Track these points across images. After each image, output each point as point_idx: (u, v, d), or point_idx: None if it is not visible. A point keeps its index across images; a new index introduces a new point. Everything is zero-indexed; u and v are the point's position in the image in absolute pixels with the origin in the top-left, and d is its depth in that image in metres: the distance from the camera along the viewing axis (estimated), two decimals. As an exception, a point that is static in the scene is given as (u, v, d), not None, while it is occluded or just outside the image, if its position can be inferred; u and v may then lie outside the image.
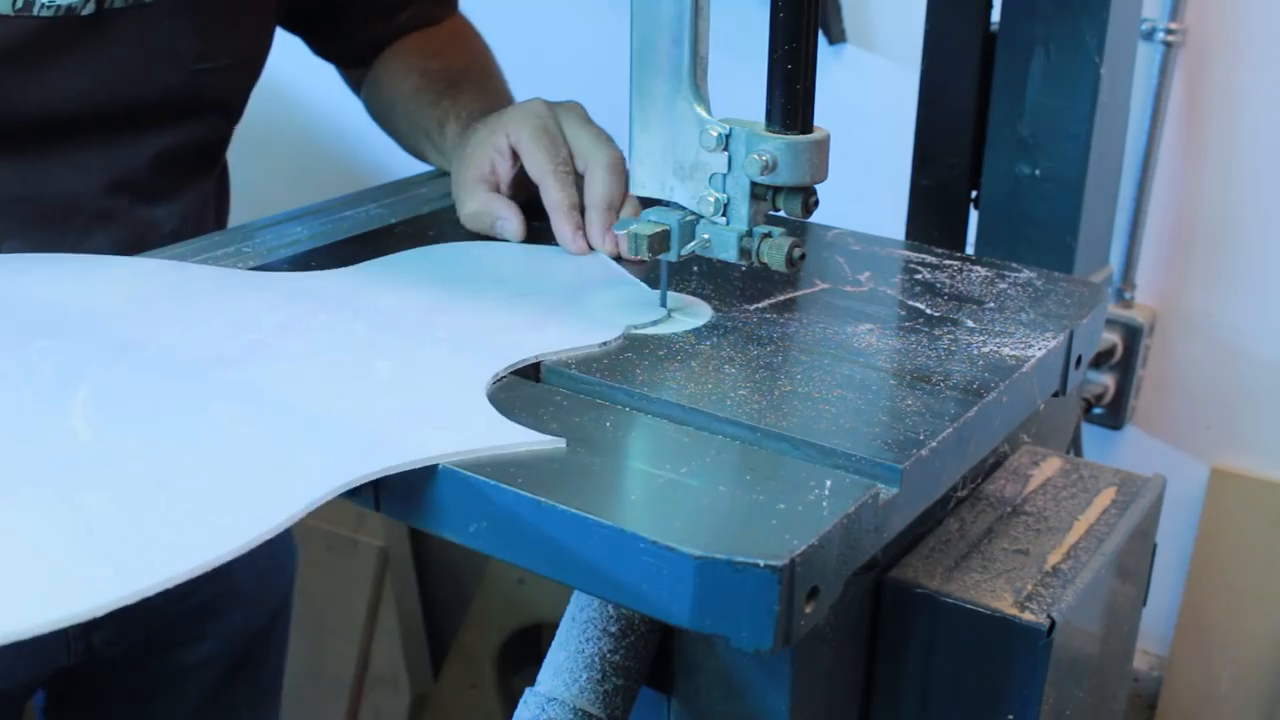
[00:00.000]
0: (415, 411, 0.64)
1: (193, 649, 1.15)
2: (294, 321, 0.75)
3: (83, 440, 0.61)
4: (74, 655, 1.06)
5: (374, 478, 0.59)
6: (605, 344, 0.72)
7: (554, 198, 0.86)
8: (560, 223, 0.85)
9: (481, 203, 0.90)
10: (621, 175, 0.86)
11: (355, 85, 1.17)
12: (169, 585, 0.50)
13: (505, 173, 0.90)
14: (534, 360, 0.70)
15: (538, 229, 0.89)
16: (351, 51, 1.14)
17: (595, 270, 0.84)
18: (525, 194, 0.91)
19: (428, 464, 0.59)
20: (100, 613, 0.49)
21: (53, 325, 0.74)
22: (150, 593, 0.50)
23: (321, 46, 1.15)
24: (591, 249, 0.86)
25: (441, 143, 1.01)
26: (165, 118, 0.96)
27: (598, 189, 0.85)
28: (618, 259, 0.85)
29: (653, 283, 0.79)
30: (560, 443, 0.61)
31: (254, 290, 0.81)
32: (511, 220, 0.89)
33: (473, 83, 1.04)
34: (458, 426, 0.63)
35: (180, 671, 1.16)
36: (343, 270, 0.84)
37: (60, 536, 0.54)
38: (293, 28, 1.11)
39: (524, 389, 0.67)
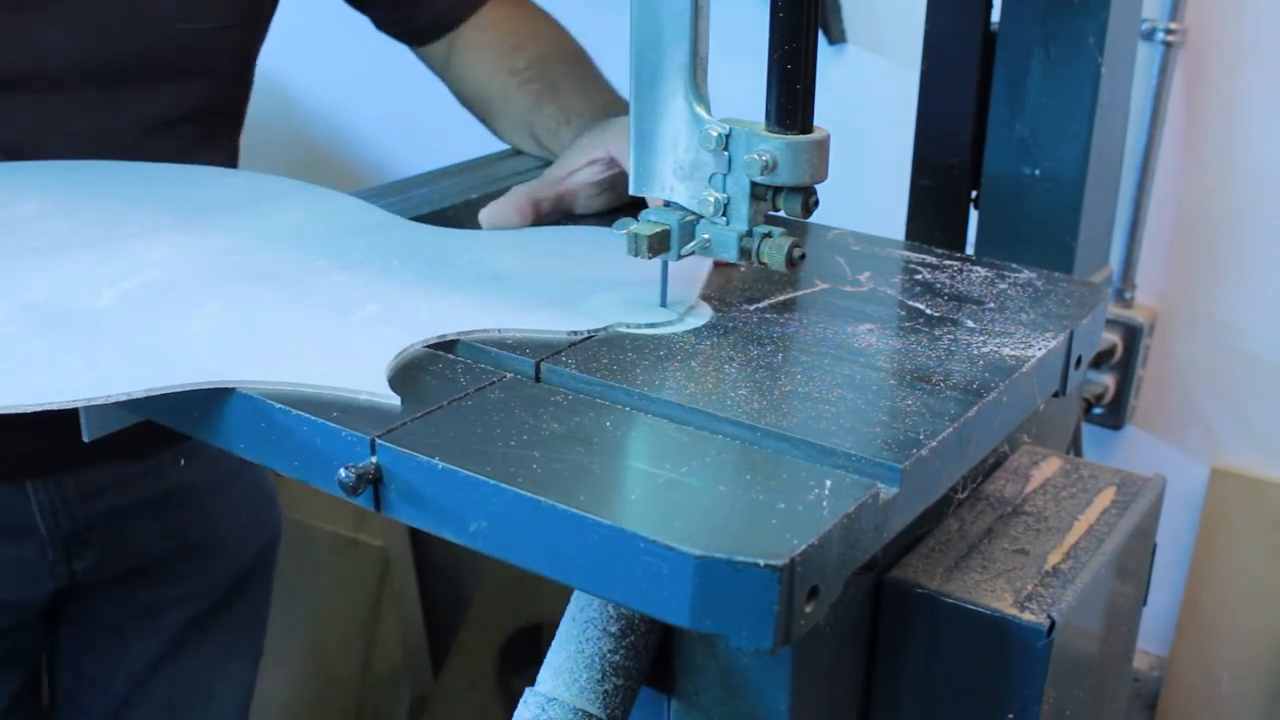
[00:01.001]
0: (303, 345, 0.70)
1: (169, 587, 1.19)
2: (336, 259, 0.82)
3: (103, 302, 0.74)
4: (59, 578, 1.11)
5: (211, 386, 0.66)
6: (575, 333, 0.73)
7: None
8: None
9: (520, 185, 0.92)
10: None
11: (436, 68, 1.17)
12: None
13: (586, 176, 0.92)
14: (458, 335, 0.72)
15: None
16: (412, 28, 1.14)
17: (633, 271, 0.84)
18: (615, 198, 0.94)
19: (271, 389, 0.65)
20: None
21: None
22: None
23: (382, 24, 1.15)
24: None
25: (556, 146, 1.03)
26: (148, 78, 0.97)
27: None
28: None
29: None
30: (396, 399, 0.64)
31: (334, 222, 0.89)
32: (493, 209, 0.90)
33: (570, 79, 1.05)
34: (322, 364, 0.67)
35: (153, 608, 1.20)
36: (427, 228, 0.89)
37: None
38: (355, 5, 1.12)
39: (523, 388, 0.67)
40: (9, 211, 0.86)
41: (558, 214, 0.93)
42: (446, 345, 0.72)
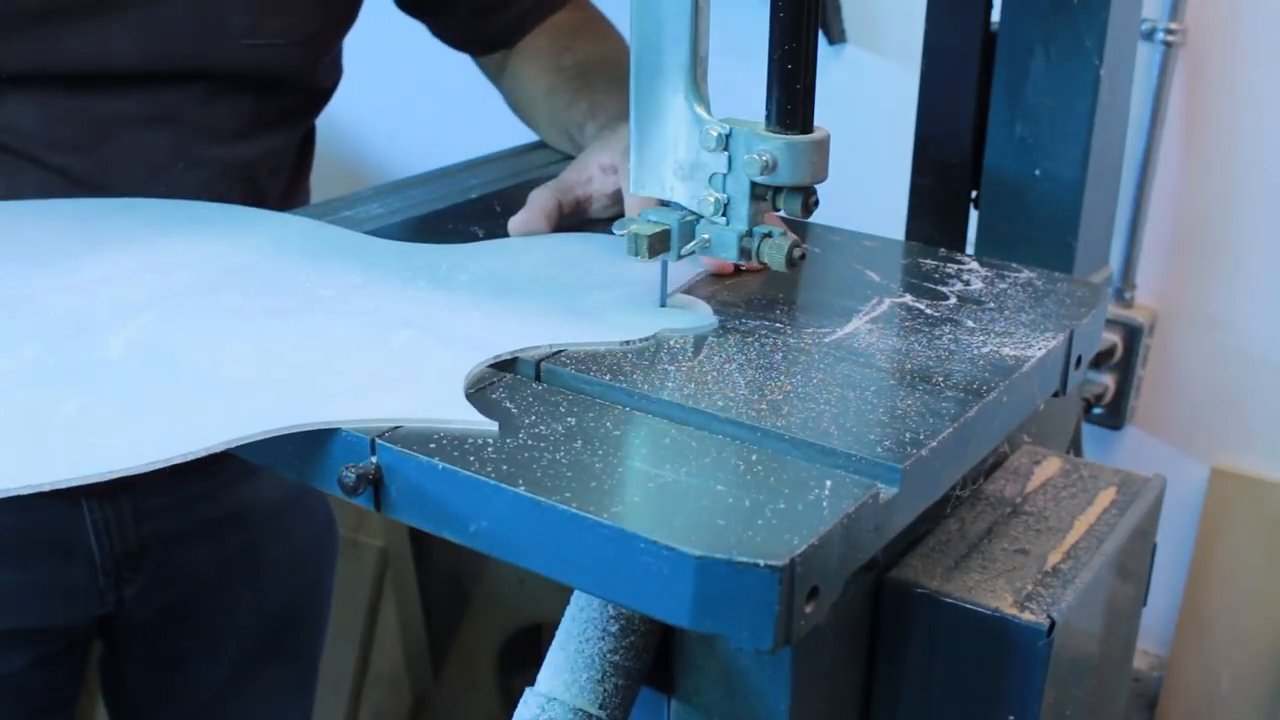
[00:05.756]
0: (375, 378, 0.68)
1: (226, 616, 1.17)
2: (360, 285, 0.80)
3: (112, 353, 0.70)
4: (107, 604, 1.09)
5: (313, 427, 0.62)
6: (628, 343, 0.72)
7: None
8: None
9: (536, 191, 0.91)
10: None
11: (492, 75, 1.16)
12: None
13: (601, 186, 0.91)
14: (546, 348, 0.71)
15: None
16: (472, 40, 1.14)
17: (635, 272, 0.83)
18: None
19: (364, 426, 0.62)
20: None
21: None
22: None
23: (440, 33, 1.14)
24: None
25: (583, 141, 1.01)
26: (212, 89, 0.97)
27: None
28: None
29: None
30: (493, 426, 0.63)
31: (337, 248, 0.86)
32: (522, 214, 0.89)
33: (608, 78, 1.04)
34: (403, 397, 0.65)
35: (213, 635, 1.17)
36: (429, 246, 0.87)
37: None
38: (410, 12, 1.12)
39: (524, 388, 0.67)
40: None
41: (576, 218, 0.92)
42: (504, 365, 0.70)
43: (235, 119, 1.00)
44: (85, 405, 0.64)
